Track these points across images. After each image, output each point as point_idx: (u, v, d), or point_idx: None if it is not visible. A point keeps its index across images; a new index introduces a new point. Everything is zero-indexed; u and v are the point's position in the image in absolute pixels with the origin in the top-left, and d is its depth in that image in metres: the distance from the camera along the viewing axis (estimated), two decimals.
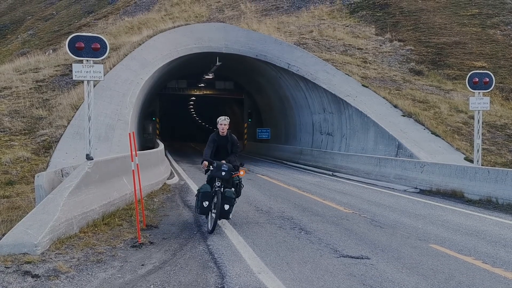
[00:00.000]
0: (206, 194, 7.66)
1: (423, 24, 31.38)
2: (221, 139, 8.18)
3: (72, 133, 14.01)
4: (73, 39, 9.81)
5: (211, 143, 8.13)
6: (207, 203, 7.62)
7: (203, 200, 7.63)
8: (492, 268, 6.08)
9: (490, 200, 11.66)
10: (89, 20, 40.48)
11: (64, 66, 20.45)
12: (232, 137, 8.28)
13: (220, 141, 8.17)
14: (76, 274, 5.49)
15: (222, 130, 8.10)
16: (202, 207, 7.66)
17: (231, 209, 7.76)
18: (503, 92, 23.56)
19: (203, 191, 7.71)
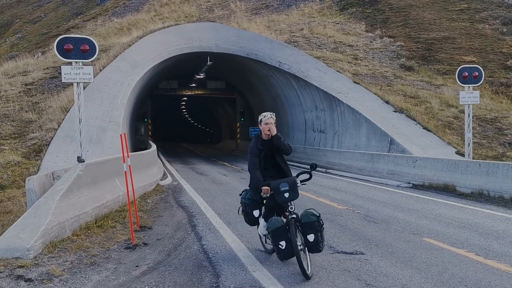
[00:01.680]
0: (278, 231, 5.43)
1: (413, 20, 31.53)
2: (265, 144, 5.92)
3: (62, 136, 13.92)
4: (62, 41, 9.75)
5: (255, 155, 5.86)
6: (284, 243, 5.40)
7: (278, 241, 5.42)
8: (485, 260, 6.12)
9: (481, 193, 11.74)
10: (77, 22, 40.23)
11: (53, 68, 20.31)
12: (278, 140, 5.89)
13: (264, 147, 5.91)
14: (69, 277, 5.46)
15: (268, 132, 5.84)
16: (281, 251, 5.47)
17: (320, 236, 5.55)
18: (493, 86, 23.74)
19: (272, 228, 5.46)
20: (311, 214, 5.57)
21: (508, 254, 6.44)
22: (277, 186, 5.55)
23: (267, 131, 5.82)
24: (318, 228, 5.50)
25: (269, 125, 5.83)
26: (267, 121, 5.84)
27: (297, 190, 5.60)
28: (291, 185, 5.57)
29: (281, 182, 5.56)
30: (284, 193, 5.52)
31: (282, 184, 5.54)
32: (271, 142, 5.86)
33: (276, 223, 5.48)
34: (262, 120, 5.87)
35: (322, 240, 5.58)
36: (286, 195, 5.52)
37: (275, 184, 5.58)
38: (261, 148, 5.87)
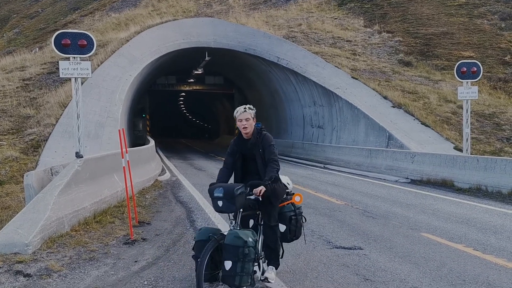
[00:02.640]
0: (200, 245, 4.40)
1: (411, 15, 31.48)
2: (245, 145, 4.85)
3: (60, 131, 13.89)
4: (59, 36, 9.69)
5: (230, 155, 4.90)
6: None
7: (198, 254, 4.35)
8: (483, 255, 6.14)
9: (479, 188, 11.77)
10: (75, 17, 40.05)
11: (50, 64, 20.23)
12: (261, 137, 4.84)
13: (245, 149, 4.85)
14: (68, 273, 5.46)
15: (245, 129, 4.77)
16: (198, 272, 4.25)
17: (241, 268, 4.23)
18: (491, 81, 23.75)
19: (197, 239, 4.49)
20: (237, 236, 4.19)
21: (506, 249, 6.46)
22: (212, 189, 4.49)
23: (243, 131, 4.72)
24: (241, 256, 4.14)
25: (243, 122, 4.70)
26: (241, 117, 4.72)
27: (237, 201, 4.31)
28: (227, 192, 4.32)
29: (217, 186, 4.47)
30: (218, 201, 4.40)
31: (217, 189, 4.43)
32: (251, 142, 4.77)
33: (202, 233, 4.46)
34: (236, 116, 4.75)
35: (245, 274, 4.20)
36: (219, 203, 4.40)
37: (212, 187, 4.54)
38: (237, 148, 4.84)
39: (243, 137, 4.82)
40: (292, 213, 5.03)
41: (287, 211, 5.03)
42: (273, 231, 4.81)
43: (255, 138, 4.78)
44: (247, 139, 4.80)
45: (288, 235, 5.04)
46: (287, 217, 5.02)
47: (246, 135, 4.78)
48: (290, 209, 5.05)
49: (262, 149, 4.74)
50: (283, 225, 4.99)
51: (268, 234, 4.80)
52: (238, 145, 4.86)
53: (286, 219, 5.01)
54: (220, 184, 4.54)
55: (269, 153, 4.74)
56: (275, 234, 4.82)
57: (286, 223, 5.01)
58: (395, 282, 5.13)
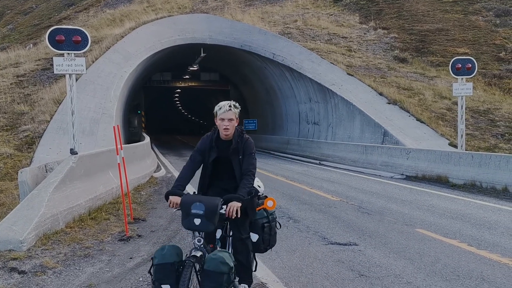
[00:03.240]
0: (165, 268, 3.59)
1: (406, 12, 31.50)
2: (222, 146, 4.12)
3: (55, 128, 13.82)
4: (53, 32, 9.64)
5: (200, 153, 4.13)
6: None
7: (161, 282, 3.58)
8: (477, 251, 6.18)
9: (474, 184, 11.83)
10: (69, 13, 39.82)
11: (45, 60, 20.12)
12: (243, 142, 4.13)
13: (220, 150, 4.12)
14: (63, 269, 5.44)
15: (226, 131, 4.03)
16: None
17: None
18: (486, 77, 23.82)
19: (158, 262, 3.61)
20: (222, 261, 3.56)
21: (500, 244, 6.50)
22: (189, 203, 3.66)
23: (224, 132, 4.00)
24: (225, 284, 3.55)
25: (225, 123, 3.98)
26: (224, 116, 3.98)
27: (216, 220, 3.65)
28: (209, 209, 3.61)
29: (197, 200, 3.67)
30: (195, 218, 3.61)
31: (196, 204, 3.63)
32: (230, 143, 4.07)
33: (167, 255, 3.60)
34: (218, 112, 4.01)
35: None
36: (196, 221, 3.61)
37: (187, 199, 3.72)
38: (209, 149, 4.08)
39: (221, 137, 4.08)
40: (265, 220, 4.28)
41: (258, 218, 4.26)
42: (244, 244, 4.06)
43: (236, 142, 4.06)
44: (225, 140, 4.07)
45: (262, 245, 4.27)
46: (259, 225, 4.25)
47: (226, 136, 4.04)
48: (262, 216, 4.29)
49: (242, 155, 4.07)
50: (255, 235, 4.23)
51: (239, 248, 4.04)
52: (214, 146, 4.08)
53: (258, 228, 4.24)
54: (198, 197, 3.74)
55: (248, 163, 4.05)
56: (247, 248, 4.07)
57: (258, 232, 4.24)
58: (390, 278, 5.15)
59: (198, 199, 3.72)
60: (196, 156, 4.12)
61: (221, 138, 4.09)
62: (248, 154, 4.11)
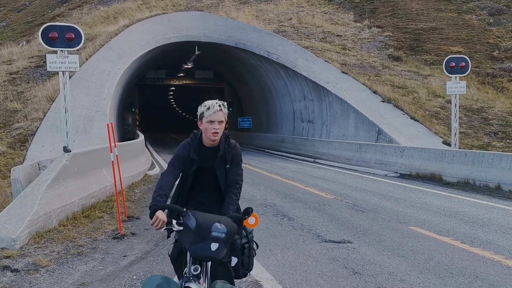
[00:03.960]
0: None
1: (401, 10, 31.57)
2: (206, 154, 3.47)
3: (48, 125, 13.74)
4: (47, 29, 9.57)
5: (180, 161, 3.46)
6: None
7: None
8: (470, 248, 6.21)
9: (467, 182, 11.89)
10: (63, 10, 39.57)
11: (38, 57, 19.98)
12: (231, 149, 3.53)
13: (203, 160, 3.46)
14: (56, 268, 5.41)
15: (215, 135, 3.38)
16: None
17: None
18: (479, 76, 23.94)
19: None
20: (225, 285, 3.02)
21: (492, 242, 6.54)
22: (208, 224, 2.93)
23: (212, 136, 3.34)
24: None
25: (215, 126, 3.32)
26: (213, 118, 3.31)
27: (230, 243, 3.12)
28: (230, 232, 2.98)
29: (216, 220, 2.97)
30: (212, 242, 2.91)
31: (217, 226, 2.93)
32: (216, 151, 3.43)
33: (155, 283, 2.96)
34: (205, 114, 3.33)
35: None
36: (213, 246, 2.91)
37: (204, 218, 2.98)
38: (194, 159, 3.40)
39: (204, 144, 3.43)
40: (244, 239, 3.53)
41: (237, 239, 3.41)
42: (226, 269, 3.38)
43: (224, 149, 3.44)
44: (209, 147, 3.42)
45: (240, 269, 3.52)
46: (238, 246, 3.45)
47: (213, 142, 3.39)
48: (242, 235, 3.51)
49: (229, 164, 3.47)
50: (234, 258, 3.47)
51: (220, 274, 3.31)
52: (196, 153, 3.41)
53: (237, 249, 3.45)
54: (217, 217, 3.04)
55: (235, 174, 3.47)
56: (229, 273, 3.39)
57: (238, 254, 3.48)
58: (384, 275, 5.16)
59: (217, 218, 3.00)
60: (176, 164, 3.44)
61: (204, 144, 3.43)
62: (236, 162, 3.51)
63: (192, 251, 2.97)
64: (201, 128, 3.44)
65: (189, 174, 3.47)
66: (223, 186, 3.50)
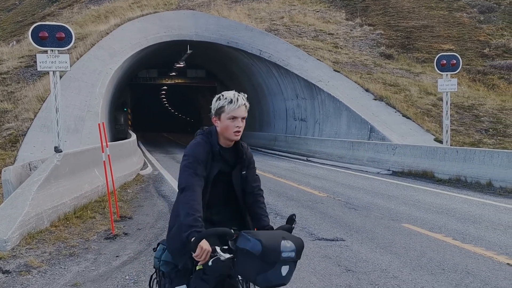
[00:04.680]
0: None
1: (392, 8, 31.70)
2: (227, 157, 2.89)
3: (39, 125, 13.65)
4: (36, 29, 9.51)
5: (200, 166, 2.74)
6: None
7: None
8: (462, 244, 6.25)
9: (459, 179, 11.96)
10: (53, 10, 39.28)
11: (28, 57, 19.83)
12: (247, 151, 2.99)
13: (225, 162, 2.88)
14: (48, 269, 5.38)
15: (237, 134, 2.81)
16: None
17: None
18: (470, 73, 24.10)
19: None
20: None
21: (484, 238, 6.58)
22: (275, 244, 2.39)
23: (234, 136, 2.79)
24: None
25: (239, 123, 2.76)
26: (236, 113, 2.75)
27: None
28: (300, 248, 2.49)
29: (280, 237, 2.46)
30: (283, 265, 2.42)
31: (285, 244, 2.43)
32: (235, 156, 2.90)
33: None
34: (226, 108, 2.76)
35: None
36: (284, 270, 2.43)
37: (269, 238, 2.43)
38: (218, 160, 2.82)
39: (222, 144, 2.84)
40: None
41: None
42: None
43: (245, 151, 2.95)
44: (226, 148, 2.86)
45: None
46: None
47: (231, 143, 2.86)
48: None
49: (246, 169, 2.94)
50: None
51: None
52: (218, 155, 2.82)
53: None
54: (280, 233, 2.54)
55: (255, 179, 2.98)
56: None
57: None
58: (376, 272, 5.18)
59: (278, 234, 2.49)
60: (198, 170, 2.71)
61: (220, 144, 2.85)
62: (252, 167, 3.00)
63: (260, 282, 2.38)
64: (216, 125, 2.83)
65: (209, 181, 2.79)
66: (240, 196, 2.92)
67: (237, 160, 2.90)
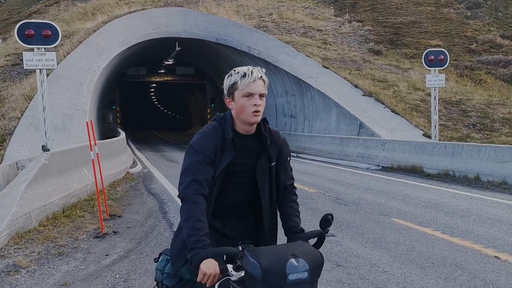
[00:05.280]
0: None
1: (380, 5, 31.83)
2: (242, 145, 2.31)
3: (26, 124, 13.51)
4: (22, 27, 9.40)
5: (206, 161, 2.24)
6: None
7: None
8: (450, 238, 6.31)
9: (447, 173, 12.07)
10: (39, 7, 38.80)
11: (14, 55, 19.60)
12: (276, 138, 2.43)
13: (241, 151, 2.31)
14: (37, 268, 5.33)
15: (256, 114, 2.27)
16: None
17: None
18: (458, 69, 24.30)
19: None
20: None
21: (472, 231, 6.65)
22: (278, 265, 1.97)
23: (253, 117, 2.29)
24: None
25: (256, 101, 2.29)
26: (252, 90, 2.29)
27: None
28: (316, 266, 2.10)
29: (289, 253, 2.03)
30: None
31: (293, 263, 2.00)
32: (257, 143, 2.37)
33: None
34: (239, 84, 2.30)
35: None
36: None
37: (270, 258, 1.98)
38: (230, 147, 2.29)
39: (240, 131, 2.33)
40: None
41: None
42: None
43: (269, 137, 2.39)
44: (245, 135, 2.34)
45: None
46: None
47: (250, 128, 2.34)
48: None
49: (275, 161, 2.44)
50: None
51: None
52: (232, 142, 2.29)
53: None
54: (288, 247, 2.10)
55: (288, 176, 2.53)
56: None
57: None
58: (366, 267, 5.21)
59: (288, 250, 2.03)
60: (202, 168, 2.22)
61: (238, 131, 2.33)
62: (285, 159, 2.51)
63: None
64: (230, 107, 2.34)
65: (218, 175, 2.25)
66: (265, 198, 2.36)
67: (262, 148, 2.35)
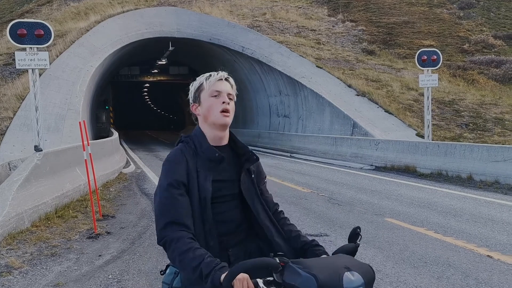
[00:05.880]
0: None
1: (374, 5, 31.94)
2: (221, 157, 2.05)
3: (19, 124, 13.42)
4: (15, 26, 9.34)
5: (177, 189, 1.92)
6: None
7: None
8: (443, 237, 6.34)
9: (440, 173, 12.14)
10: (32, 7, 38.55)
11: (6, 55, 19.45)
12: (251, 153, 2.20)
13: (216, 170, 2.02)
14: (29, 269, 5.29)
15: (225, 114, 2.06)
16: None
17: None
18: (451, 69, 24.44)
19: None
20: None
21: (465, 231, 6.69)
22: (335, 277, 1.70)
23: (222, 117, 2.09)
24: None
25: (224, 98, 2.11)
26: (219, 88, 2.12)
27: None
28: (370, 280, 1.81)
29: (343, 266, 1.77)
30: None
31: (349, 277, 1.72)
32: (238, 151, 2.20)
33: None
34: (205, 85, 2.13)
35: None
36: None
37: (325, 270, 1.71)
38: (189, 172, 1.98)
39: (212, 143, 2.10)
40: None
41: None
42: None
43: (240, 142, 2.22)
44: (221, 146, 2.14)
45: None
46: None
47: (222, 133, 2.13)
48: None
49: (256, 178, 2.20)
50: None
51: None
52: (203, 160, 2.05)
53: None
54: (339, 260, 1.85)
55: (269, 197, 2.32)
56: None
57: None
58: None
59: (340, 263, 1.80)
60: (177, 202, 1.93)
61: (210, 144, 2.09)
62: (263, 179, 2.30)
63: None
64: (197, 113, 2.10)
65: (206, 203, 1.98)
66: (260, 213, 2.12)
67: (242, 157, 2.12)
